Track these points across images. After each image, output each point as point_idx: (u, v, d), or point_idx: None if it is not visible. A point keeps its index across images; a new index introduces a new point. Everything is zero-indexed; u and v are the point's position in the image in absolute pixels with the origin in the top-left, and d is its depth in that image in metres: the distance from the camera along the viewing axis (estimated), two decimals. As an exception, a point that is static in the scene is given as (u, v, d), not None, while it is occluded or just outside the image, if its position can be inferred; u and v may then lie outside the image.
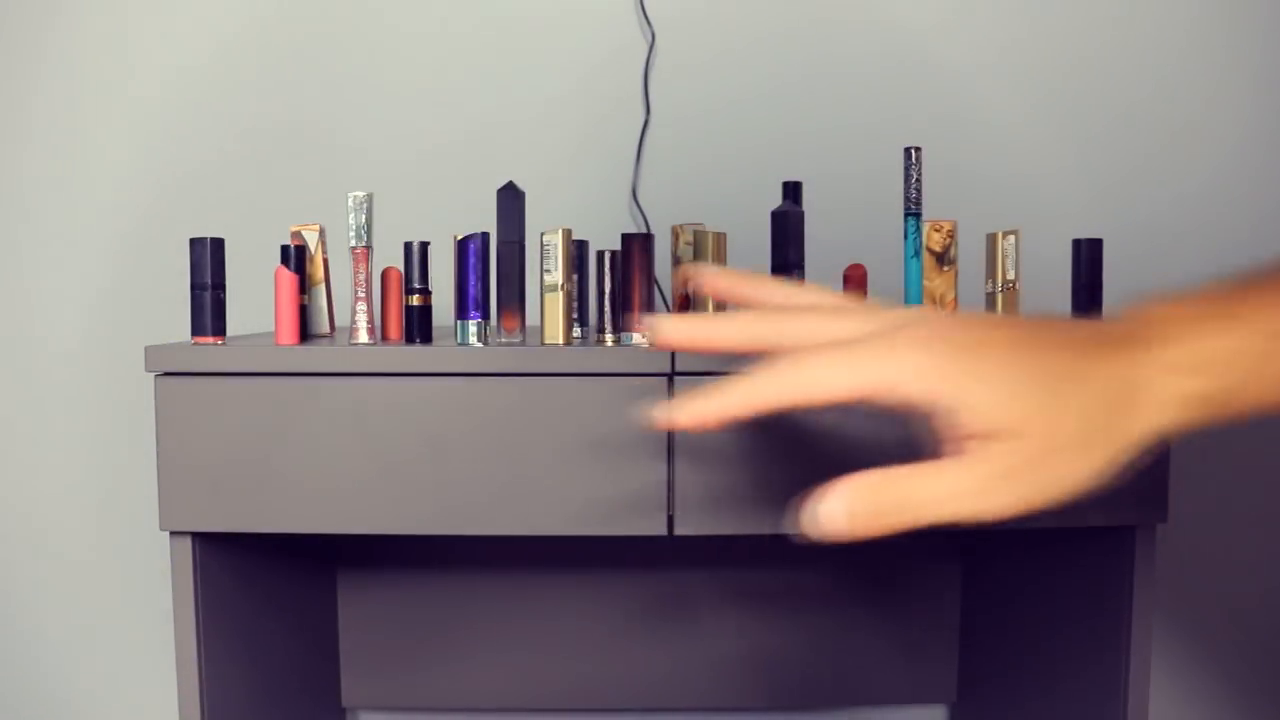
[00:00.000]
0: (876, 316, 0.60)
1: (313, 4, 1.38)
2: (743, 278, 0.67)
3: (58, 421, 1.40)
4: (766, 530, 0.93)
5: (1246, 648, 1.45)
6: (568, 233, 0.98)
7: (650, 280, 0.98)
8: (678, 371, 0.93)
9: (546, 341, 0.97)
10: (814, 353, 0.56)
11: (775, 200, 1.05)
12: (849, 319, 0.60)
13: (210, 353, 0.93)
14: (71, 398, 1.40)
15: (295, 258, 1.01)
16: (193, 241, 0.96)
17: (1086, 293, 1.02)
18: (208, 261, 0.95)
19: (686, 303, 1.14)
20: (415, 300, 0.99)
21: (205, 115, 1.38)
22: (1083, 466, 0.56)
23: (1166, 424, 0.57)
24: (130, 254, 1.38)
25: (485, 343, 0.97)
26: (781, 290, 0.66)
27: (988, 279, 1.03)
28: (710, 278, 0.69)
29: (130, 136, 1.38)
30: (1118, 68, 1.38)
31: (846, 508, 0.55)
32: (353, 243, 0.99)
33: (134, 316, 1.38)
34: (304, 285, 1.04)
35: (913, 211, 1.01)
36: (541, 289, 0.98)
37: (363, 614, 1.36)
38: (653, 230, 1.36)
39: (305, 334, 1.05)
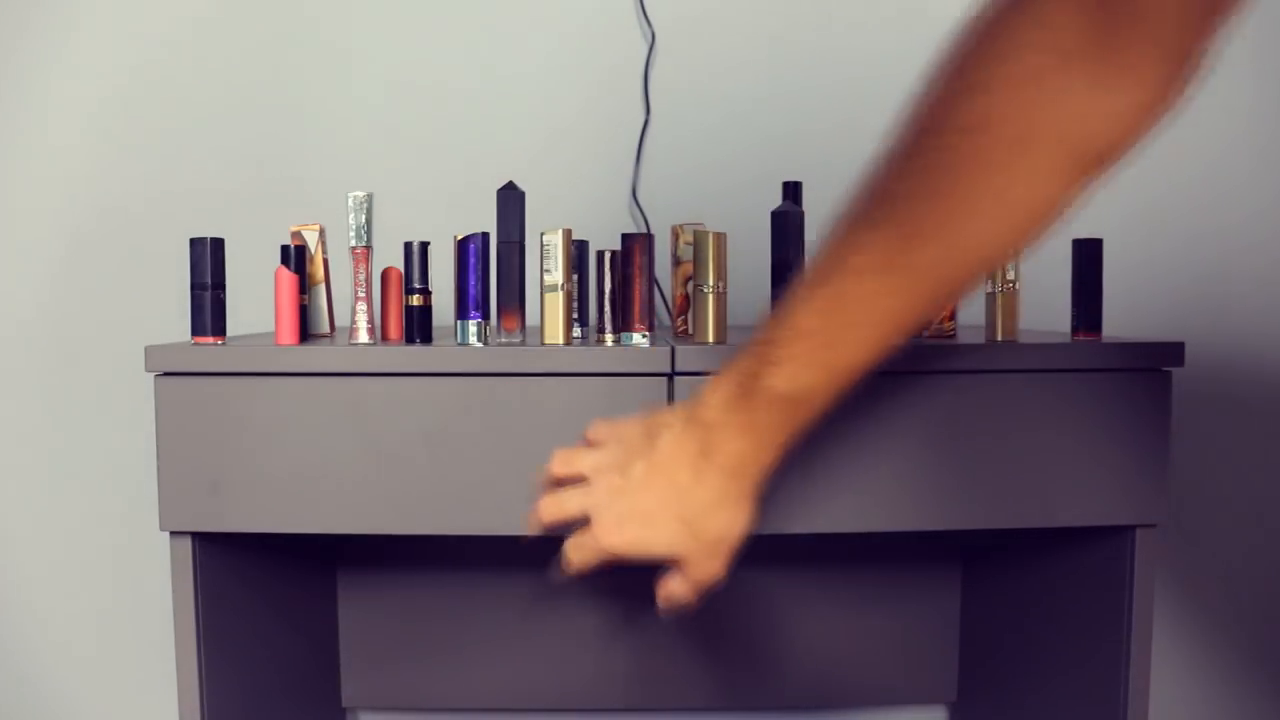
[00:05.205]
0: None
1: (314, 4, 1.38)
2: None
3: (58, 422, 1.40)
4: (766, 530, 0.93)
5: (1246, 647, 1.44)
6: (568, 233, 0.98)
7: (650, 280, 0.98)
8: (677, 371, 0.93)
9: (546, 341, 0.97)
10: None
11: (775, 200, 1.05)
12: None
13: (210, 353, 0.93)
14: (71, 398, 1.40)
15: (295, 258, 1.02)
16: (193, 241, 0.96)
17: (1087, 292, 1.02)
18: (208, 261, 0.95)
19: (686, 303, 1.14)
20: (415, 300, 0.99)
21: (206, 115, 1.38)
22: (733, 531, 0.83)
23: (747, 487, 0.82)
24: (130, 254, 1.38)
25: (485, 343, 0.97)
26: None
27: (987, 279, 1.03)
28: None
29: (130, 136, 1.38)
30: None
31: None
32: (353, 243, 0.99)
33: (134, 316, 1.38)
34: (304, 285, 1.04)
35: (913, 211, 1.01)
36: (541, 289, 0.98)
37: (363, 614, 1.36)
38: (653, 230, 1.35)
39: (305, 334, 1.05)
